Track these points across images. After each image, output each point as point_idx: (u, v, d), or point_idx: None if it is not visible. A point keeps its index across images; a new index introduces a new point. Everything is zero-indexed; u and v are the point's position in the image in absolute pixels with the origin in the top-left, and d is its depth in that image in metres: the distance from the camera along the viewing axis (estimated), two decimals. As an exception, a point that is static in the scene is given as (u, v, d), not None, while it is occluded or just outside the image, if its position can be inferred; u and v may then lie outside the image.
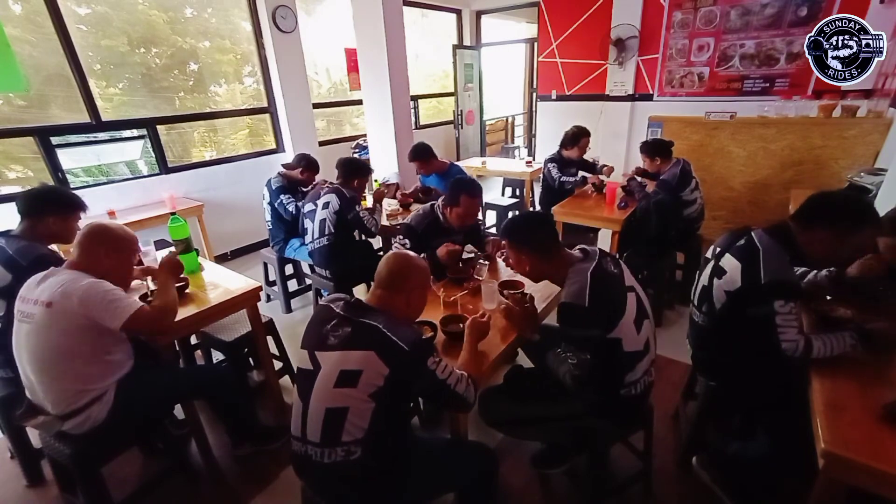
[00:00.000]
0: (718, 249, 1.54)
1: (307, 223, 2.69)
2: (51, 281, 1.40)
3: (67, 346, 1.38)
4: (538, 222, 1.47)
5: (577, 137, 3.38)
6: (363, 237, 2.98)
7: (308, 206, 2.70)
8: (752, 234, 1.44)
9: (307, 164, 3.07)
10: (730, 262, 1.44)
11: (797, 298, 1.31)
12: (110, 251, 1.51)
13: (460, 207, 2.03)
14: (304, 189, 3.06)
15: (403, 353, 1.09)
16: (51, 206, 1.78)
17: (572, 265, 1.37)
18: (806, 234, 1.36)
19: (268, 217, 3.07)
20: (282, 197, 2.95)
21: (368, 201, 3.18)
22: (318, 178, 3.10)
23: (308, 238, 2.70)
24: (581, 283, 1.28)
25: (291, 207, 2.93)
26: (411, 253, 1.39)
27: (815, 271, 1.63)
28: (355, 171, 2.73)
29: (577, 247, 1.45)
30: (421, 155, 3.30)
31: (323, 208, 2.59)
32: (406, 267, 1.28)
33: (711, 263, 1.55)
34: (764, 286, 1.31)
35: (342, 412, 1.08)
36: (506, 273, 2.03)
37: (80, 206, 1.87)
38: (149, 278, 1.94)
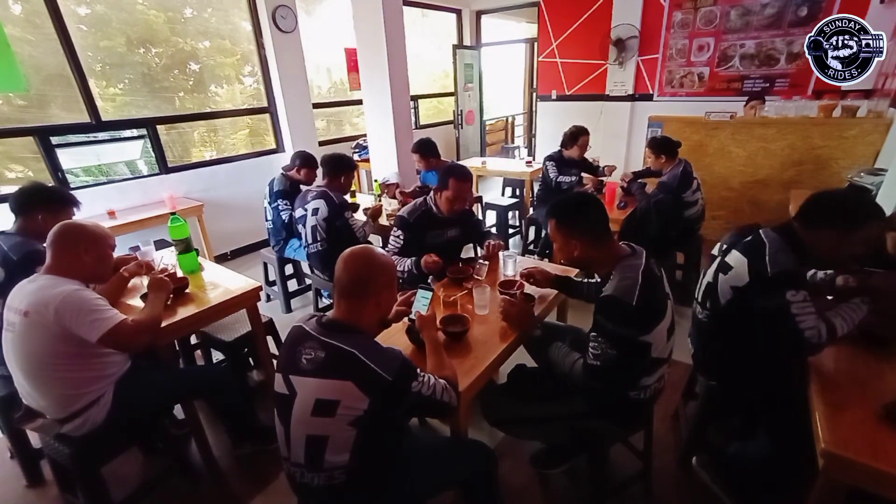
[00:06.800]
0: (725, 246, 1.54)
1: (300, 228, 2.68)
2: (28, 288, 1.37)
3: (49, 355, 1.34)
4: (591, 204, 1.38)
5: (576, 136, 3.37)
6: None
7: (299, 212, 2.66)
8: (760, 231, 1.43)
9: (303, 162, 3.04)
10: (736, 258, 1.43)
11: (806, 288, 1.29)
12: (89, 248, 1.46)
13: (449, 191, 2.04)
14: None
15: (386, 384, 1.03)
16: (41, 202, 1.77)
17: (622, 259, 1.33)
18: (809, 232, 1.35)
19: (269, 217, 3.06)
20: (279, 202, 2.94)
21: (362, 199, 3.16)
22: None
23: (303, 242, 2.69)
24: (632, 281, 1.25)
25: (285, 216, 2.92)
26: (370, 247, 1.25)
27: (816, 271, 1.63)
28: (341, 167, 2.67)
29: (622, 242, 1.41)
30: (422, 149, 3.31)
31: (312, 214, 2.55)
32: (369, 268, 1.15)
33: (718, 260, 1.54)
34: (772, 278, 1.30)
35: (323, 439, 1.05)
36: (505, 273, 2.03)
37: (71, 202, 1.84)
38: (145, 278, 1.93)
